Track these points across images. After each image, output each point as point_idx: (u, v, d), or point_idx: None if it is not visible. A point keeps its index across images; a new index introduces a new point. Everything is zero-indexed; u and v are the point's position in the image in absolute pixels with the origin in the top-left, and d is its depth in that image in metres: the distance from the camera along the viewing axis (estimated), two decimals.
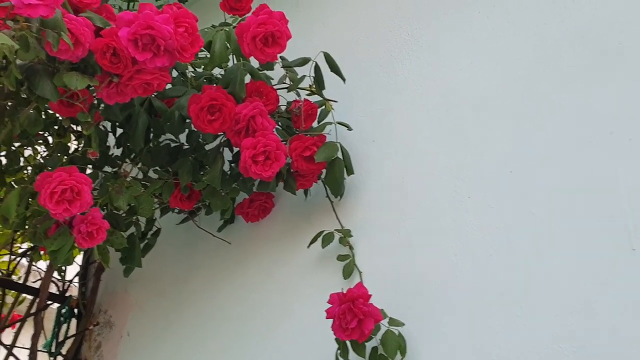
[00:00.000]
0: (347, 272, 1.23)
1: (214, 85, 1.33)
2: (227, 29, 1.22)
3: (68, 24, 0.97)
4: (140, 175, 1.39)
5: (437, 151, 1.24)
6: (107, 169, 1.42)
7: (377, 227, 1.27)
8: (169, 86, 1.26)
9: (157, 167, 1.36)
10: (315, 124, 1.34)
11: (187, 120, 1.27)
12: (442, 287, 1.12)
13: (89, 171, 1.38)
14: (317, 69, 1.31)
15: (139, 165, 1.36)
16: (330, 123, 1.30)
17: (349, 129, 1.32)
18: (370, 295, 1.07)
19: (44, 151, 1.44)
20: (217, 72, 1.37)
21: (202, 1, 1.91)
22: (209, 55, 1.23)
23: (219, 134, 1.29)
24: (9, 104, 1.11)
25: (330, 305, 1.09)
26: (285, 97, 1.37)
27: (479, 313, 1.06)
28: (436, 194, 1.21)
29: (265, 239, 1.46)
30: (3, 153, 1.33)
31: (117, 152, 1.43)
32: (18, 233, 1.61)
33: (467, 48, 1.28)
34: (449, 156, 1.22)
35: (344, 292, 1.08)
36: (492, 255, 1.09)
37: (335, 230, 1.28)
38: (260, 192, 1.39)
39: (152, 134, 1.34)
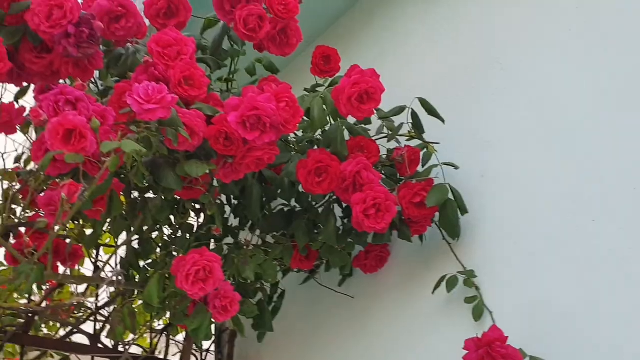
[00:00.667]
0: (477, 314, 1.20)
1: (316, 147, 1.39)
2: (323, 94, 1.27)
3: (183, 118, 1.06)
4: (260, 242, 1.46)
5: (551, 177, 1.21)
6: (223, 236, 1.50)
7: (501, 262, 1.24)
8: None
9: (274, 232, 1.42)
10: (420, 169, 1.35)
11: (297, 184, 1.33)
12: (581, 319, 1.07)
13: (212, 245, 1.46)
14: (414, 115, 1.33)
15: (258, 233, 1.42)
16: (435, 165, 1.30)
17: (456, 167, 1.32)
18: (506, 337, 1.05)
19: (170, 232, 1.54)
20: (317, 132, 1.43)
21: (291, 66, 2.01)
22: (306, 119, 1.29)
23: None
24: (139, 197, 1.21)
25: (466, 352, 1.07)
26: (386, 146, 1.40)
27: (624, 344, 1.00)
28: (557, 221, 1.17)
29: (386, 288, 1.47)
30: (136, 240, 1.44)
31: (234, 221, 1.51)
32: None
33: (564, 69, 1.25)
34: (564, 181, 1.18)
35: (479, 336, 1.06)
36: (629, 279, 1.03)
37: (458, 272, 1.26)
38: (375, 243, 1.41)
39: (265, 201, 1.41)
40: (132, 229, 1.28)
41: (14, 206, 1.58)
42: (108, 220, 1.25)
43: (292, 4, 1.25)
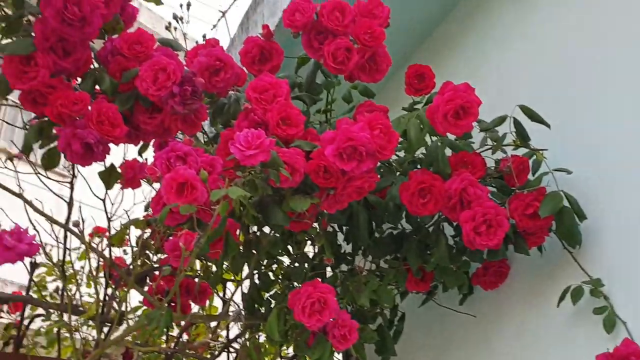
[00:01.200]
0: (609, 326, 1.12)
1: (419, 166, 1.38)
2: (418, 114, 1.27)
3: (283, 157, 1.10)
4: (373, 267, 1.47)
5: None
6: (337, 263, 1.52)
7: (629, 268, 1.15)
8: None
9: (386, 257, 1.43)
10: (530, 177, 1.29)
11: (403, 207, 1.32)
12: None
13: (328, 273, 1.50)
14: (517, 123, 1.29)
15: (370, 258, 1.44)
16: (546, 173, 1.25)
17: (568, 172, 1.25)
18: None
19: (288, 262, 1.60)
20: (418, 151, 1.42)
21: (387, 86, 2.01)
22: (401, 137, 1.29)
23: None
24: (253, 235, 1.28)
25: None
26: (492, 157, 1.36)
27: None
28: None
29: (509, 304, 1.41)
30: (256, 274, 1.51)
31: (347, 247, 1.53)
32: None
33: None
34: None
35: (610, 351, 0.99)
36: None
37: (583, 282, 1.19)
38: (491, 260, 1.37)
39: (373, 226, 1.42)
40: (250, 265, 1.34)
41: (147, 252, 1.73)
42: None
43: (377, 31, 1.27)
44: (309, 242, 1.63)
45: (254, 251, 1.28)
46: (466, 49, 1.81)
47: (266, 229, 1.37)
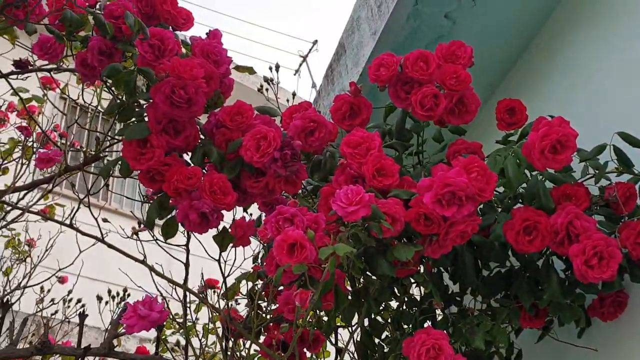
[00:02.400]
0: None
1: (520, 202, 1.37)
2: (514, 151, 1.27)
3: (382, 208, 1.14)
4: (484, 306, 1.45)
5: None
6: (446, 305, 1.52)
7: None
8: None
9: (496, 296, 1.41)
10: (638, 203, 1.25)
11: (509, 245, 1.32)
12: None
13: (438, 316, 1.50)
14: (617, 151, 1.25)
15: (479, 298, 1.43)
16: None
17: None
18: None
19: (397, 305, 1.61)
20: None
21: (476, 121, 2.01)
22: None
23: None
24: (359, 286, 1.32)
25: None
26: (595, 186, 1.33)
27: None
28: None
29: (630, 336, 1.35)
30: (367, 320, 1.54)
31: (454, 286, 1.53)
32: None
33: None
34: None
35: None
36: None
37: None
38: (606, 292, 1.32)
39: (480, 265, 1.41)
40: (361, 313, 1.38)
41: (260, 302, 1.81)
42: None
43: (463, 75, 1.29)
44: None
45: (363, 299, 1.32)
46: (551, 78, 1.78)
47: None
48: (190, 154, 1.32)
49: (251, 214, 1.59)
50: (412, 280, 1.51)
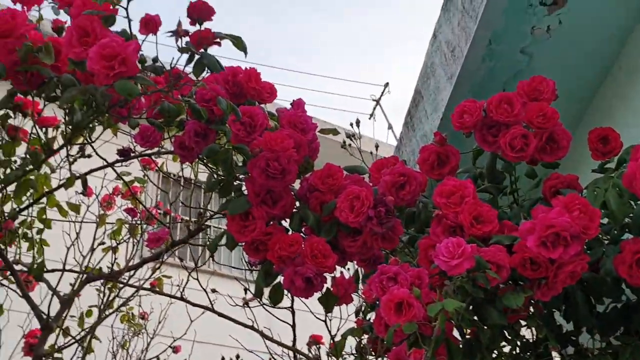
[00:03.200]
0: None
1: (627, 232, 1.32)
2: (614, 182, 1.23)
3: (485, 257, 1.13)
4: (603, 345, 1.39)
5: None
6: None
7: None
8: None
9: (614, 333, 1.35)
10: None
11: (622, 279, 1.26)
12: None
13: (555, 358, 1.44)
14: None
15: (597, 336, 1.36)
16: None
17: None
18: None
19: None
20: None
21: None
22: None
23: None
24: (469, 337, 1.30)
25: None
26: None
27: None
28: None
29: None
30: None
31: (568, 324, 1.47)
32: None
33: None
34: None
35: None
36: None
37: None
38: None
39: (593, 302, 1.36)
40: None
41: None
42: None
43: (549, 112, 1.28)
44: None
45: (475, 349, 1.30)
46: (634, 100, 1.72)
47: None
48: (288, 220, 1.37)
49: (348, 269, 1.62)
50: (523, 323, 1.47)
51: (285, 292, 1.38)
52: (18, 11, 1.25)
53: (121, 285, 2.13)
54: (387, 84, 8.41)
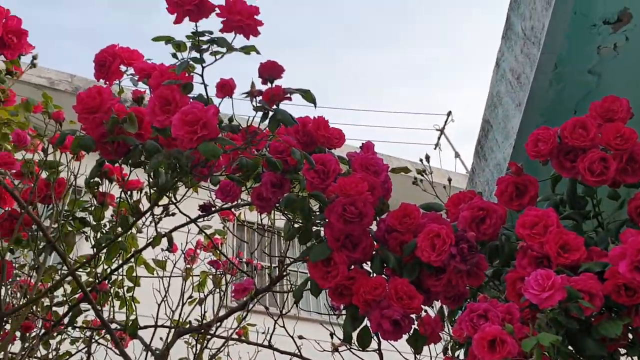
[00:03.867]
0: None
1: None
2: None
3: (577, 286, 1.10)
4: None
5: None
6: None
7: None
8: None
9: None
10: None
11: None
12: None
13: None
14: None
15: None
16: None
17: None
18: None
19: None
20: None
21: None
22: None
23: None
24: None
25: None
26: None
27: None
28: None
29: None
30: None
31: None
32: None
33: None
34: None
35: None
36: None
37: None
38: None
39: None
40: None
41: None
42: None
43: (626, 132, 1.25)
44: None
45: None
46: None
47: None
48: (369, 263, 1.39)
49: (432, 307, 1.60)
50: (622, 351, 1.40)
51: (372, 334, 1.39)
52: (103, 87, 1.35)
53: (209, 337, 2.18)
54: (449, 113, 8.35)
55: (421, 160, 1.98)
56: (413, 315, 1.28)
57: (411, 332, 1.40)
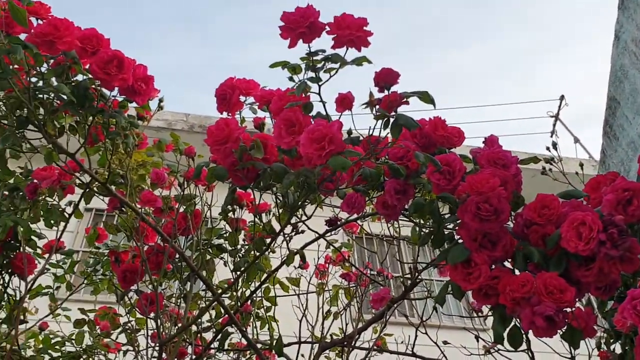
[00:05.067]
0: None
1: None
2: None
3: None
4: None
5: None
6: None
7: None
8: None
9: None
10: None
11: None
12: None
13: None
14: None
15: None
16: None
17: None
18: None
19: None
20: None
21: None
22: None
23: None
24: None
25: None
26: None
27: None
28: None
29: None
30: None
31: None
32: None
33: None
34: None
35: None
36: None
37: None
38: None
39: None
40: None
41: None
42: None
43: None
44: None
45: None
46: None
47: None
48: (510, 260, 1.34)
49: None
50: None
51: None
52: (229, 119, 1.43)
53: (348, 349, 2.20)
54: (562, 97, 7.93)
55: (548, 148, 1.90)
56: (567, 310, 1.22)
57: (564, 327, 1.34)
